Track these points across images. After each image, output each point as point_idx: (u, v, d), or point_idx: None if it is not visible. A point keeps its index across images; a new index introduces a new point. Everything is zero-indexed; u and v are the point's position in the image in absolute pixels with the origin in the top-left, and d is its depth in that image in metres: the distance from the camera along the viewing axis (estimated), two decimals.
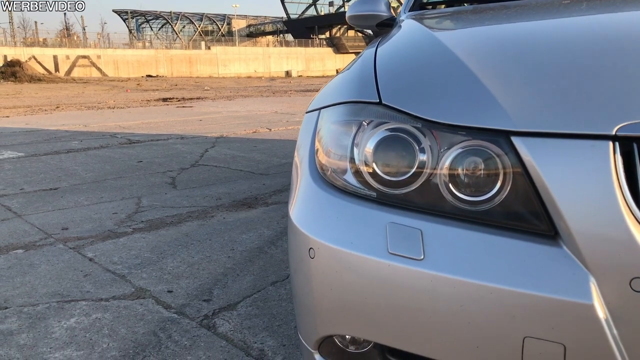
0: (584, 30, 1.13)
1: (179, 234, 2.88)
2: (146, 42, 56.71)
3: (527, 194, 0.81)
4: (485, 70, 0.97)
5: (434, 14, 2.03)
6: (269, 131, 7.52)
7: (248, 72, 47.90)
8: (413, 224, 0.88)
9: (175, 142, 6.49)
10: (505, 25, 1.39)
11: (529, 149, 0.79)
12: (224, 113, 10.59)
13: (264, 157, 5.34)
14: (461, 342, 0.82)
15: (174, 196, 3.76)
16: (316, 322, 1.00)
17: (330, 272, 0.94)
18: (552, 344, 0.75)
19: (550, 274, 0.76)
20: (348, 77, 1.24)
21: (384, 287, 0.87)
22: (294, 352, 1.66)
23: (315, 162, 1.08)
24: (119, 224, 3.10)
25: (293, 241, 1.05)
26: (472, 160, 0.87)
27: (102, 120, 9.27)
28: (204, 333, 1.79)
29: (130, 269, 2.39)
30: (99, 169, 4.78)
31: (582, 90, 0.84)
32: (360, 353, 1.02)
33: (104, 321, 1.89)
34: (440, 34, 1.37)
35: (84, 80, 32.71)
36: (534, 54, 1.02)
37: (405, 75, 1.09)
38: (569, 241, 0.76)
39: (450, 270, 0.81)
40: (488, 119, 0.86)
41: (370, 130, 0.97)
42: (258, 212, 3.30)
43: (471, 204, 0.86)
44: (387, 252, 0.86)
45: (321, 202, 1.00)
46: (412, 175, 0.91)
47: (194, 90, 20.80)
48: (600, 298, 0.72)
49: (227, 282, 2.22)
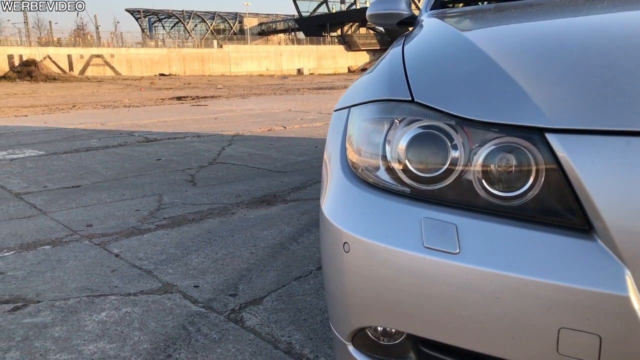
0: (614, 26, 1.15)
1: (201, 231, 2.92)
2: (159, 40, 56.99)
3: (560, 190, 0.83)
4: (515, 68, 0.99)
5: (456, 13, 2.04)
6: (284, 129, 7.56)
7: (260, 70, 47.98)
8: (448, 219, 0.90)
9: (192, 140, 6.55)
10: (531, 23, 1.41)
11: (563, 146, 0.82)
12: (239, 111, 10.65)
13: (280, 154, 5.38)
14: (496, 333, 0.85)
15: (194, 193, 3.82)
16: (349, 314, 1.03)
17: (364, 266, 0.97)
18: (588, 335, 0.78)
19: (585, 267, 0.78)
20: (377, 75, 1.26)
21: (420, 280, 0.90)
22: (321, 345, 1.70)
23: (347, 159, 1.11)
24: (142, 221, 3.15)
25: (326, 236, 1.07)
26: (505, 157, 0.89)
27: (119, 119, 9.37)
28: (232, 327, 1.84)
29: (156, 264, 2.43)
30: (119, 167, 4.85)
31: (615, 86, 0.86)
32: (392, 345, 1.04)
33: (133, 315, 1.93)
34: (467, 32, 1.39)
35: (97, 79, 33.02)
36: (563, 51, 1.03)
37: (435, 73, 1.11)
38: (603, 235, 0.78)
39: (486, 263, 0.84)
40: (522, 116, 0.88)
41: (403, 128, 0.99)
42: (278, 209, 3.34)
43: (504, 200, 0.88)
44: (423, 246, 0.89)
45: (354, 197, 1.03)
46: (445, 172, 0.93)
47: (207, 89, 20.92)
48: (635, 290, 0.74)
49: (251, 278, 2.26)
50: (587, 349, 0.78)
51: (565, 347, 0.80)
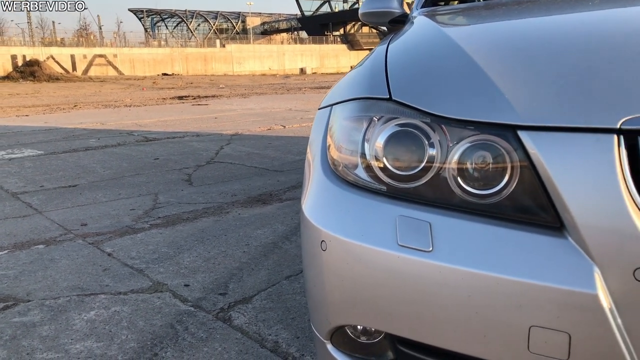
0: (589, 26, 1.14)
1: (195, 230, 2.93)
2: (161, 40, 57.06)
3: (533, 187, 0.82)
4: (493, 66, 0.98)
5: (446, 11, 2.03)
6: (283, 128, 7.56)
7: (262, 69, 48.02)
8: (422, 217, 0.90)
9: (191, 139, 6.55)
10: (514, 22, 1.41)
11: (535, 143, 0.81)
12: (239, 110, 10.65)
13: (278, 154, 5.38)
14: (469, 332, 0.84)
15: (190, 193, 3.82)
16: (328, 312, 1.03)
17: (341, 264, 0.96)
18: (558, 333, 0.77)
19: (556, 265, 0.77)
20: (359, 73, 1.26)
21: (394, 278, 0.89)
22: (307, 344, 1.69)
23: (327, 157, 1.11)
24: (137, 220, 3.15)
25: (306, 234, 1.07)
26: (480, 155, 0.88)
27: (119, 119, 9.38)
28: (219, 326, 1.83)
29: (148, 263, 2.44)
30: (117, 167, 4.85)
31: (587, 84, 0.85)
32: (371, 343, 1.04)
33: (122, 314, 1.93)
34: (450, 30, 1.39)
35: (100, 79, 33.10)
36: (540, 49, 1.03)
37: (414, 72, 1.11)
38: (574, 233, 0.77)
39: (458, 261, 0.83)
40: (495, 113, 0.87)
41: (381, 126, 0.99)
42: (272, 208, 3.34)
43: (479, 197, 0.88)
44: (397, 244, 0.88)
45: (333, 196, 1.03)
46: (422, 170, 0.93)
47: (209, 88, 20.94)
48: (604, 288, 0.74)
49: (242, 277, 2.26)
50: (557, 347, 0.78)
51: (536, 346, 0.79)
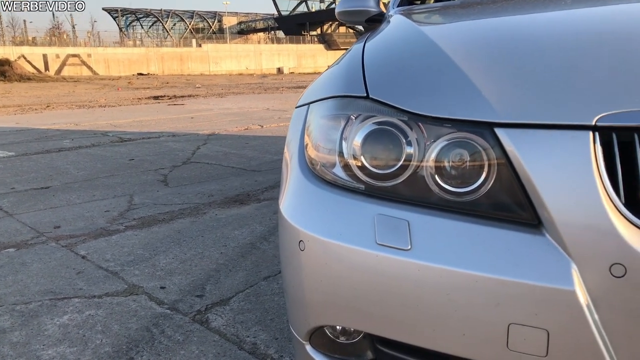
0: (565, 23, 1.15)
1: (171, 231, 2.88)
2: (137, 40, 56.42)
3: (510, 185, 0.82)
4: (469, 64, 0.98)
5: (422, 9, 2.04)
6: (261, 128, 7.52)
7: (239, 69, 47.75)
8: (400, 215, 0.89)
9: (167, 139, 6.48)
10: (490, 20, 1.41)
11: (511, 140, 0.81)
12: (216, 110, 10.57)
13: (256, 153, 5.35)
14: (448, 330, 0.84)
15: (166, 193, 3.77)
16: (307, 313, 1.01)
17: (319, 264, 0.95)
18: (536, 330, 0.77)
19: (534, 262, 0.77)
20: (336, 71, 1.25)
21: (372, 277, 0.89)
22: (286, 345, 1.68)
23: (305, 156, 1.09)
24: (111, 222, 3.10)
25: (283, 234, 1.06)
26: (457, 152, 0.88)
27: (94, 119, 9.23)
28: (196, 328, 1.81)
29: (123, 266, 2.39)
30: (91, 168, 4.77)
31: (563, 82, 0.85)
32: (350, 343, 1.03)
33: (97, 318, 1.89)
34: (426, 29, 1.39)
35: (74, 79, 32.52)
36: (517, 47, 1.03)
37: (391, 69, 1.10)
38: (551, 229, 0.77)
39: (437, 259, 0.83)
40: (472, 111, 0.87)
41: (358, 124, 0.98)
42: (250, 209, 3.31)
43: (457, 195, 0.87)
44: (375, 243, 0.88)
45: (311, 195, 1.02)
46: (400, 168, 0.92)
47: (185, 88, 20.73)
48: (581, 284, 0.74)
49: (219, 278, 2.23)
50: (535, 344, 0.78)
51: (515, 343, 0.79)
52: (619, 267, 0.72)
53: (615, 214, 0.73)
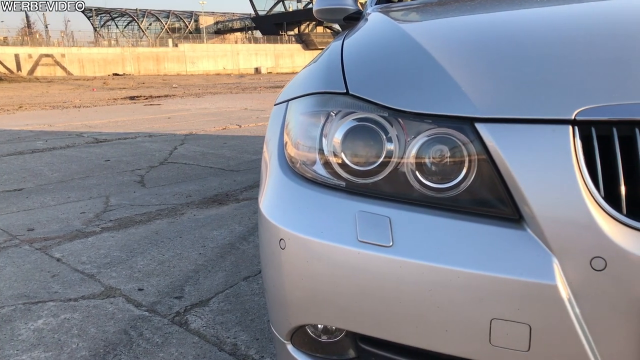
0: (545, 19, 1.16)
1: (148, 232, 2.84)
2: (112, 40, 55.68)
3: (491, 180, 0.82)
4: (449, 59, 0.98)
5: (401, 7, 2.04)
6: (239, 127, 7.47)
7: (217, 69, 47.44)
8: (382, 212, 0.88)
9: (144, 140, 6.39)
10: (470, 16, 1.41)
11: (492, 135, 0.81)
12: (193, 110, 10.47)
13: (234, 153, 5.31)
14: (430, 327, 0.84)
15: (143, 194, 3.71)
16: (288, 312, 1.00)
17: (301, 262, 0.94)
18: (518, 325, 0.77)
19: (515, 257, 0.77)
20: (315, 68, 1.24)
21: (354, 274, 0.88)
22: (267, 346, 1.66)
23: (285, 155, 1.08)
24: (87, 224, 3.04)
25: (264, 233, 1.05)
26: (438, 148, 0.88)
27: (68, 120, 9.06)
28: (176, 330, 1.78)
29: (100, 268, 2.35)
30: (66, 169, 4.68)
31: (543, 76, 0.86)
32: (332, 342, 1.02)
33: (72, 321, 1.85)
34: (406, 26, 1.38)
35: (48, 80, 31.92)
36: (496, 42, 1.04)
37: (371, 66, 1.10)
38: (532, 224, 0.77)
39: (419, 255, 0.82)
40: (452, 106, 0.87)
41: (338, 121, 0.97)
42: (229, 209, 3.28)
43: (438, 191, 0.87)
44: (357, 240, 0.87)
45: (291, 193, 1.00)
46: (380, 165, 0.92)
47: (161, 88, 20.50)
48: (562, 278, 0.74)
49: (198, 279, 2.20)
50: (518, 338, 0.78)
51: (498, 338, 0.79)
52: (600, 261, 0.73)
53: (595, 207, 0.74)
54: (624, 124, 0.75)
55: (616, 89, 0.79)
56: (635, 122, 0.74)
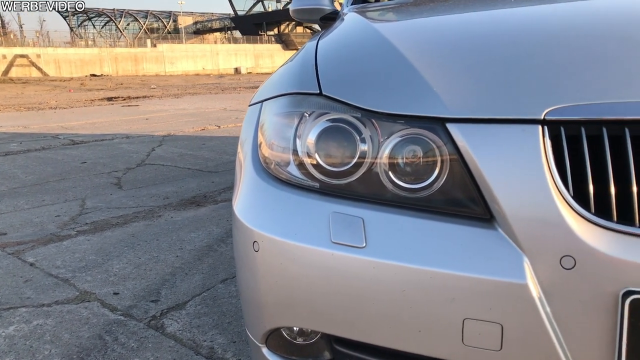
0: (515, 19, 1.17)
1: (125, 235, 2.80)
2: (89, 40, 54.98)
3: (463, 180, 0.82)
4: (422, 60, 0.98)
5: (376, 7, 2.04)
6: (218, 128, 7.43)
7: (196, 69, 47.11)
8: (355, 213, 0.88)
9: (121, 141, 6.31)
10: (443, 17, 1.42)
11: (463, 135, 0.81)
12: (171, 111, 10.38)
13: (212, 154, 5.27)
14: (404, 327, 0.84)
15: (119, 197, 3.66)
16: (263, 315, 0.99)
17: (275, 265, 0.93)
18: (490, 324, 0.77)
19: (487, 256, 0.78)
20: (290, 69, 1.23)
21: (328, 276, 0.87)
22: (244, 349, 1.65)
23: (259, 155, 1.07)
24: (62, 227, 2.99)
25: (238, 236, 1.04)
26: (410, 149, 0.88)
27: (44, 121, 8.91)
28: (151, 334, 1.76)
29: (74, 272, 2.31)
30: (41, 171, 4.60)
31: (513, 76, 0.86)
32: (307, 344, 1.02)
33: (45, 327, 1.82)
34: (380, 26, 1.38)
35: (22, 81, 31.35)
36: (469, 43, 1.04)
37: (345, 66, 1.10)
38: (503, 224, 0.78)
39: (391, 256, 0.82)
40: (424, 107, 0.87)
41: (312, 122, 0.97)
42: (207, 210, 3.26)
43: (411, 192, 0.87)
44: (330, 241, 0.86)
45: (265, 195, 1.00)
46: (354, 165, 0.91)
47: (140, 89, 20.28)
48: (533, 277, 0.75)
49: (175, 282, 2.18)
50: (490, 338, 0.78)
51: (470, 338, 0.79)
52: (569, 259, 0.73)
53: (565, 207, 0.74)
54: (593, 124, 0.76)
55: (586, 89, 0.80)
56: (603, 122, 0.75)
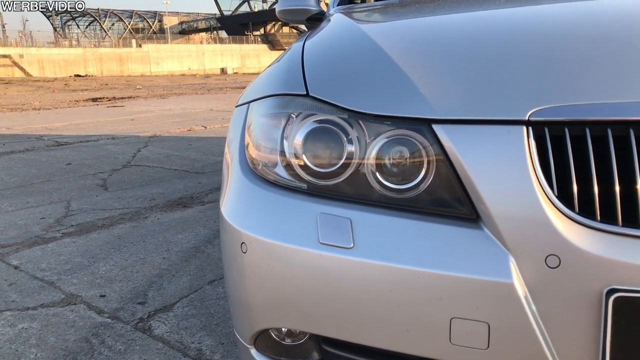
0: (501, 21, 1.18)
1: (111, 237, 2.78)
2: (73, 40, 54.46)
3: (449, 180, 0.83)
4: (408, 61, 0.99)
5: (362, 8, 2.05)
6: (205, 129, 7.40)
7: (182, 69, 46.85)
8: (343, 214, 0.88)
9: (106, 142, 6.26)
10: (428, 18, 1.43)
11: (449, 136, 0.82)
12: (157, 112, 10.31)
13: (199, 155, 5.25)
14: (391, 327, 0.84)
15: (105, 198, 3.64)
16: (251, 317, 0.99)
17: (263, 266, 0.93)
18: (477, 323, 0.78)
19: (473, 256, 0.78)
20: (276, 70, 1.23)
21: (316, 277, 0.88)
22: (232, 350, 1.65)
23: (246, 156, 1.07)
24: (47, 229, 2.96)
25: (225, 237, 1.04)
26: (397, 149, 0.88)
27: (27, 122, 8.80)
28: (139, 336, 1.75)
29: (60, 275, 2.29)
30: (25, 173, 4.54)
31: (498, 78, 0.87)
32: (296, 345, 1.02)
33: (31, 331, 1.80)
34: (366, 27, 1.39)
35: (5, 81, 30.94)
36: (454, 44, 1.05)
37: (331, 68, 1.10)
38: (489, 223, 0.79)
39: (379, 256, 0.83)
40: (411, 108, 0.87)
41: (299, 123, 0.97)
42: (194, 212, 3.24)
43: (398, 192, 0.88)
44: (318, 242, 0.87)
45: (252, 196, 1.00)
46: (341, 166, 0.92)
47: (125, 90, 20.12)
48: (519, 276, 0.76)
49: (162, 284, 2.17)
50: (477, 337, 0.79)
51: (457, 337, 0.80)
52: (554, 258, 0.74)
53: (549, 206, 0.75)
54: (576, 124, 0.77)
55: (570, 90, 0.81)
56: (586, 122, 0.76)
